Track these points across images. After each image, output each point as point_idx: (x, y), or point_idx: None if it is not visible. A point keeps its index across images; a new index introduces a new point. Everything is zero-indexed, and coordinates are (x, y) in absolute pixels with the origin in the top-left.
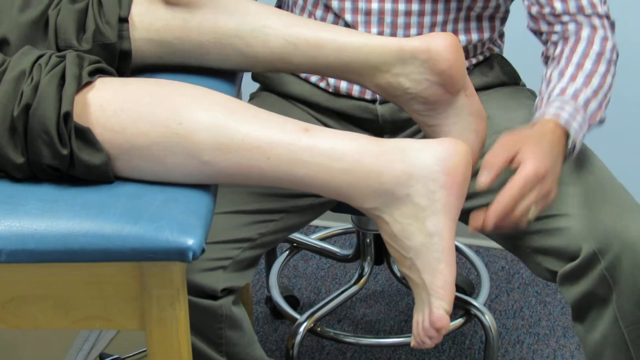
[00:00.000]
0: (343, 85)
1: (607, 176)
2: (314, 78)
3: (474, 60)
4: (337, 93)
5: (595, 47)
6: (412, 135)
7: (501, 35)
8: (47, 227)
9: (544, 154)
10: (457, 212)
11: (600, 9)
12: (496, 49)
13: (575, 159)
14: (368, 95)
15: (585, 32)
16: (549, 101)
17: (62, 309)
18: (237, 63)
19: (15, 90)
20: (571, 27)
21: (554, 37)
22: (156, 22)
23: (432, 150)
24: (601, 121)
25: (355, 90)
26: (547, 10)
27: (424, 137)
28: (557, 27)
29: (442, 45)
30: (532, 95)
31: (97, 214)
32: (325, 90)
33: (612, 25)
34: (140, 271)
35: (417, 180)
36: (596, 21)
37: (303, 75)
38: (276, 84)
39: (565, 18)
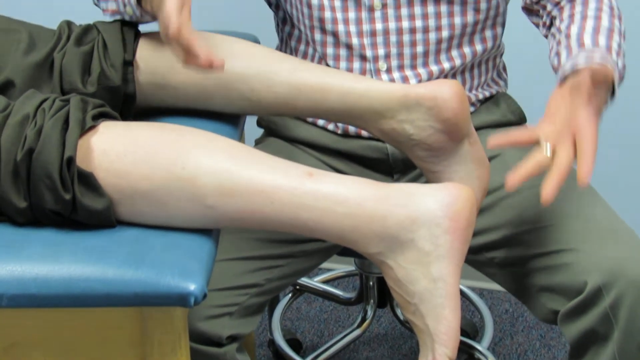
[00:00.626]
0: (350, 130)
1: (611, 213)
2: (321, 121)
3: (480, 96)
4: (346, 134)
5: (606, 2)
6: (422, 175)
7: (504, 68)
8: (49, 272)
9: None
10: (462, 257)
11: None
12: (501, 83)
13: (579, 195)
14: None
15: None
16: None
17: (64, 355)
18: (241, 107)
19: (19, 135)
20: None
21: (562, 2)
22: (161, 66)
23: (435, 195)
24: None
25: (363, 134)
26: None
27: (427, 181)
28: None
29: (448, 93)
30: None
31: (99, 259)
32: (333, 132)
33: None
34: (142, 316)
35: (421, 225)
36: None
37: (310, 119)
38: (282, 128)
39: None
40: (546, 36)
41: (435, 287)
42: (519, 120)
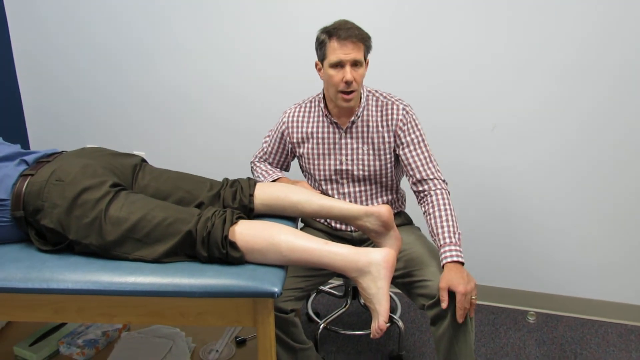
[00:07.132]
0: (339, 225)
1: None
2: (326, 221)
3: (394, 212)
4: (335, 228)
5: (445, 203)
6: (369, 245)
7: (404, 200)
8: (215, 282)
9: (463, 279)
10: (389, 279)
11: (441, 175)
12: (403, 206)
13: (429, 250)
14: (350, 228)
15: (437, 191)
16: (446, 249)
17: (220, 318)
18: (296, 214)
19: (205, 225)
20: (430, 185)
21: (423, 194)
22: (265, 196)
23: (380, 252)
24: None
25: (344, 226)
26: (416, 177)
27: (374, 246)
28: (424, 185)
29: (384, 209)
30: (418, 229)
31: (236, 276)
32: (329, 226)
33: (445, 181)
34: (254, 302)
35: (373, 265)
36: (439, 182)
37: (322, 220)
38: (311, 222)
39: (426, 180)
40: (421, 208)
41: (378, 291)
42: (409, 222)
